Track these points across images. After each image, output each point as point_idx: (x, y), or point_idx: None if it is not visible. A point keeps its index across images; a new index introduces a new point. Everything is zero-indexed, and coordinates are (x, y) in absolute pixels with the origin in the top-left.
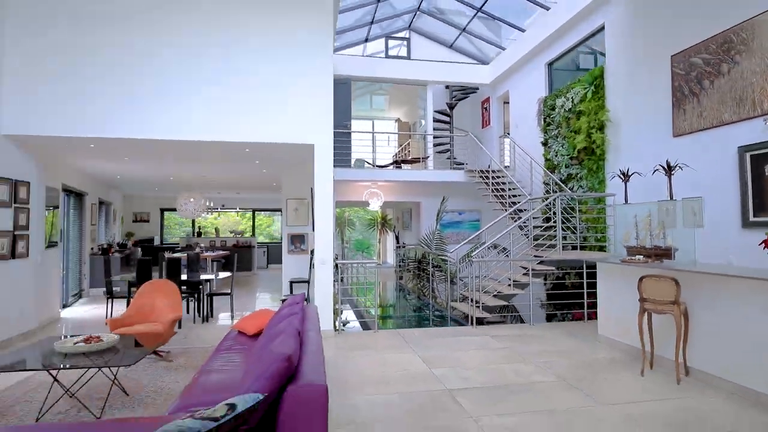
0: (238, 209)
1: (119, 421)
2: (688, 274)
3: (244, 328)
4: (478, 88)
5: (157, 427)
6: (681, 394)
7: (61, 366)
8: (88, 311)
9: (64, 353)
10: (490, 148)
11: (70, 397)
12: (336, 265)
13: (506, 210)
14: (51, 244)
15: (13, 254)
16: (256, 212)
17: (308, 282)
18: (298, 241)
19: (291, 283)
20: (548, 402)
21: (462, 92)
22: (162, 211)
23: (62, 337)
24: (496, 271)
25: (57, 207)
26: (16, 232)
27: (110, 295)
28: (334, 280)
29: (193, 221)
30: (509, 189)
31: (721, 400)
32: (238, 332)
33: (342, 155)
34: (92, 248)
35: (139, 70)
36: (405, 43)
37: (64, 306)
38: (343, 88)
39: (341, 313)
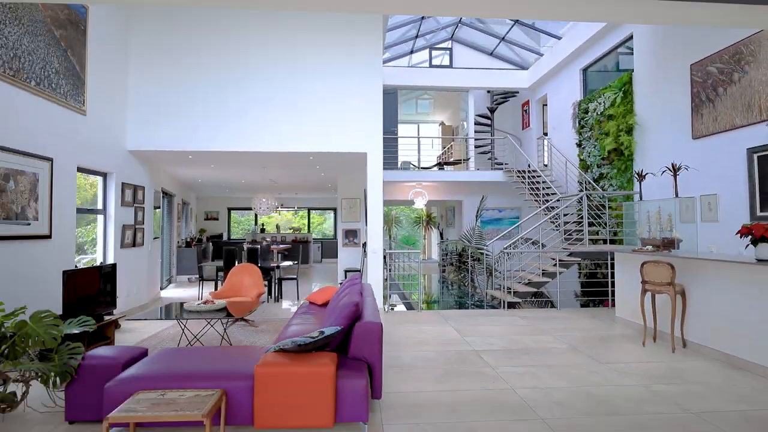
0: (295, 208)
1: (238, 347)
2: (683, 259)
3: (314, 300)
4: (518, 92)
5: (265, 352)
6: (671, 359)
7: (187, 319)
8: (180, 293)
9: (190, 310)
10: (530, 148)
11: (191, 344)
12: (384, 257)
13: (540, 207)
14: (155, 237)
15: (133, 243)
16: (311, 211)
17: (360, 271)
18: (352, 235)
19: (345, 271)
20: (555, 359)
21: (502, 96)
22: (229, 210)
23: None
24: (526, 262)
25: (159, 207)
26: (136, 226)
27: (201, 278)
28: (383, 268)
29: (256, 219)
30: (544, 188)
31: (704, 363)
32: (309, 302)
33: (390, 158)
34: (178, 242)
35: (227, 95)
36: (447, 52)
37: (161, 288)
38: (390, 97)
39: (389, 298)
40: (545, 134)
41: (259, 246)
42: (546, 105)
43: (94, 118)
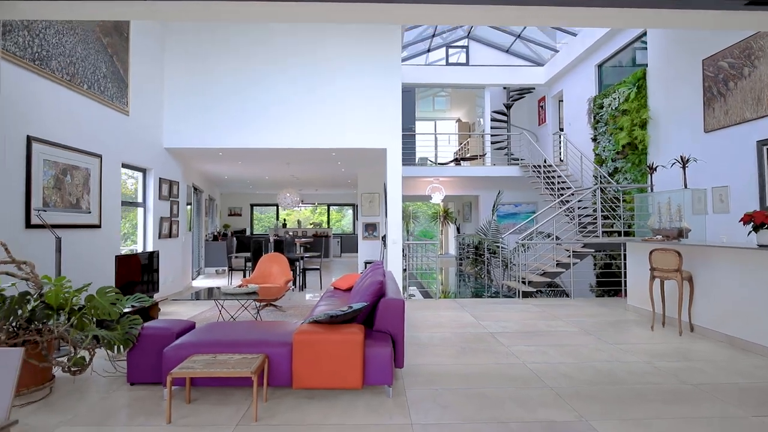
0: (316, 204)
1: (275, 321)
2: (690, 247)
3: (339, 285)
4: (534, 88)
5: (300, 324)
6: (677, 341)
7: (225, 300)
8: (210, 282)
9: (227, 293)
10: (546, 144)
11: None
12: (402, 249)
13: (555, 201)
14: (188, 230)
15: (170, 234)
16: (330, 207)
17: (381, 262)
18: (372, 228)
19: (366, 263)
20: (564, 340)
21: (518, 92)
22: (252, 206)
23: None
24: (541, 254)
25: (190, 204)
26: (172, 218)
27: (230, 268)
28: (402, 257)
29: (278, 214)
30: (559, 182)
31: (708, 345)
32: (334, 288)
33: (407, 154)
34: (206, 236)
35: (254, 94)
36: (464, 50)
37: (192, 279)
38: (408, 95)
39: (407, 288)
40: (561, 130)
41: (284, 238)
42: (562, 101)
43: (135, 118)
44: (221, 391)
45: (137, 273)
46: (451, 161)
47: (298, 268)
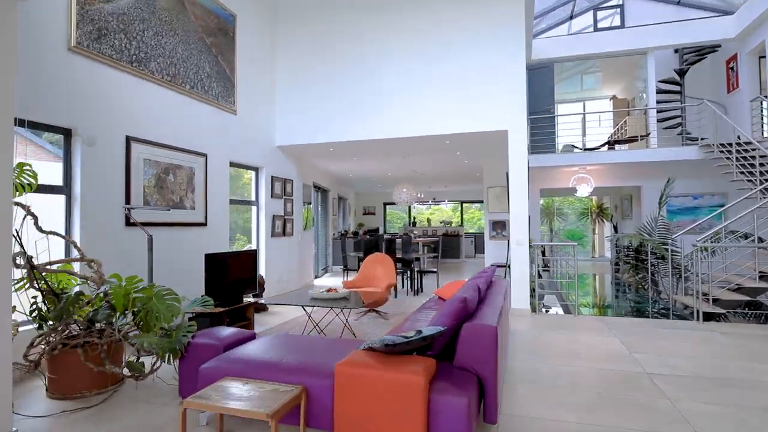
0: (446, 201)
1: (344, 339)
2: None
3: (442, 294)
4: (719, 46)
5: (357, 348)
6: None
7: (313, 306)
8: (333, 281)
9: (313, 298)
10: (740, 115)
11: (319, 332)
12: (543, 251)
13: (756, 189)
14: (305, 228)
15: (283, 232)
16: (464, 204)
17: (507, 266)
18: (500, 227)
19: (492, 266)
20: None
21: (696, 53)
22: (384, 204)
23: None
24: (733, 261)
25: (310, 203)
26: (285, 217)
27: (345, 267)
28: (535, 264)
29: (410, 213)
30: (762, 164)
31: None
32: (438, 297)
33: (546, 141)
34: (334, 234)
35: (362, 87)
36: (618, 11)
37: (316, 277)
38: (544, 73)
39: (542, 298)
40: (765, 96)
41: (400, 237)
42: (764, 57)
43: (244, 116)
44: (263, 425)
45: (233, 272)
46: (603, 145)
47: (413, 270)
